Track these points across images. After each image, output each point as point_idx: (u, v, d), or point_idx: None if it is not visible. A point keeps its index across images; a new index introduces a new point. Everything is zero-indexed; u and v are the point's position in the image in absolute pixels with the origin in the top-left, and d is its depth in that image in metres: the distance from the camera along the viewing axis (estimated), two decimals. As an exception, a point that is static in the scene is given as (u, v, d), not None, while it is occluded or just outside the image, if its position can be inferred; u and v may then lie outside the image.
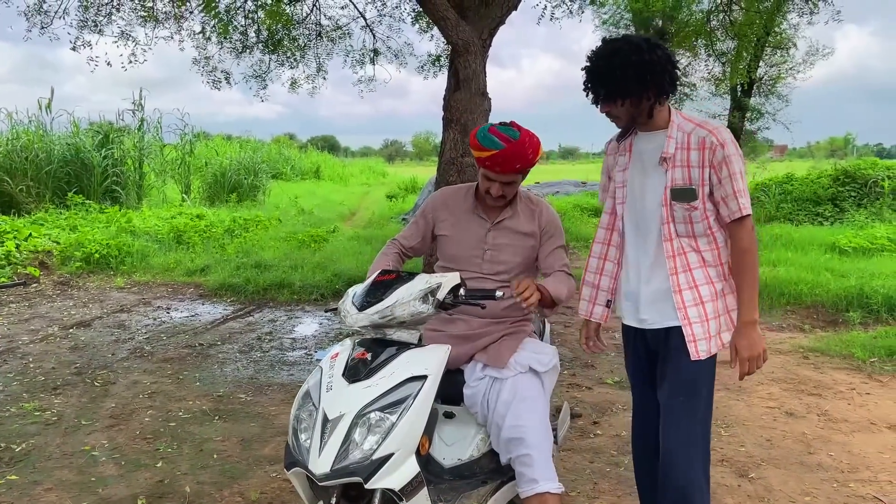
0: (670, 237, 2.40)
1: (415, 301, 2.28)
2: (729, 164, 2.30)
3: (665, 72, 2.31)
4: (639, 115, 2.40)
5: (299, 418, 2.21)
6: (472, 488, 2.54)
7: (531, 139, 2.63)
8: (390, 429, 2.06)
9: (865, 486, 3.57)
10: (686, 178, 2.35)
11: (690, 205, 2.35)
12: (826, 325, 6.87)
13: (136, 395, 4.93)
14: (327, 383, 2.21)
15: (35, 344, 6.25)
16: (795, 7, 11.63)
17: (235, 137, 28.71)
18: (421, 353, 2.28)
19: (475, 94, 6.11)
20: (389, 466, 2.03)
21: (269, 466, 3.81)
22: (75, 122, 16.31)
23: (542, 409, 2.57)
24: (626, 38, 2.37)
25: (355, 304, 2.35)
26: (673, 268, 2.40)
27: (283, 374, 5.49)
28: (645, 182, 2.46)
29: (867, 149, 69.48)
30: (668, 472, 2.45)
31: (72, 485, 3.58)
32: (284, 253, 10.20)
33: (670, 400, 2.45)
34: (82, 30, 8.72)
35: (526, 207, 2.82)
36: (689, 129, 2.37)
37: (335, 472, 2.01)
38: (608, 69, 2.30)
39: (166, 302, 8.06)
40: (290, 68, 10.85)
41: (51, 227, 11.20)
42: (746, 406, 4.71)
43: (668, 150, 2.37)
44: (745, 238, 2.35)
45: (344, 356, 2.30)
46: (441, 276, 2.38)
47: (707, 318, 2.38)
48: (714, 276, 2.41)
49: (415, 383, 2.15)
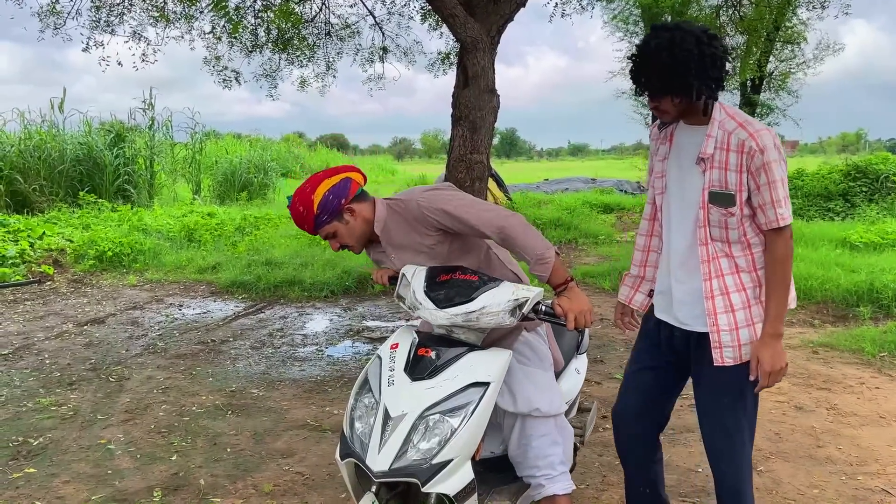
0: (706, 241, 2.29)
1: (503, 313, 2.21)
2: (768, 170, 2.14)
3: (724, 67, 2.17)
4: (690, 112, 2.26)
5: (357, 408, 2.19)
6: (503, 483, 2.54)
7: (299, 198, 2.43)
8: (451, 434, 2.05)
9: (874, 479, 3.58)
10: (723, 181, 2.21)
11: (728, 210, 2.22)
12: (836, 321, 6.86)
13: (151, 391, 5.00)
14: (388, 377, 2.18)
15: (50, 340, 6.34)
16: (805, 2, 11.57)
17: (245, 136, 28.87)
18: (484, 356, 2.24)
19: (484, 90, 6.14)
20: (447, 472, 2.03)
21: (281, 459, 3.87)
22: (87, 122, 16.47)
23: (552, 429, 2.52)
24: (680, 26, 2.17)
25: (430, 298, 2.29)
26: (707, 273, 2.29)
27: (295, 369, 5.54)
28: (682, 178, 2.35)
29: (879, 144, 68.97)
30: (717, 472, 2.45)
31: (88, 477, 3.65)
32: (294, 250, 10.26)
33: (715, 402, 2.40)
34: (94, 30, 8.82)
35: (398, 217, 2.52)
36: (731, 129, 2.19)
37: (393, 471, 2.01)
38: (669, 61, 2.11)
39: (178, 299, 8.14)
40: (299, 67, 10.93)
41: (64, 226, 11.31)
42: (755, 400, 4.73)
43: (706, 149, 2.22)
44: (780, 248, 2.22)
45: (405, 349, 2.27)
46: (528, 289, 2.28)
47: (737, 326, 2.29)
48: (747, 282, 2.30)
49: (477, 389, 2.13)
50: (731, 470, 2.42)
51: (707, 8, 14.02)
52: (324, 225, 2.46)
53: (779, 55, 15.47)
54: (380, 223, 2.51)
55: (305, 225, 2.46)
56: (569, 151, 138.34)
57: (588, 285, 8.64)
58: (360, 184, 2.53)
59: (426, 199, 2.42)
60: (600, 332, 6.45)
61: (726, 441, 2.41)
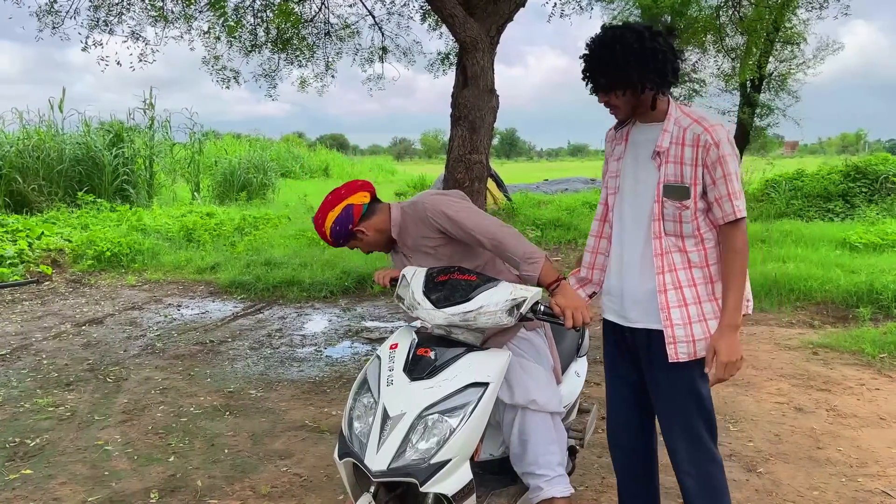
0: (659, 235, 2.31)
1: (501, 312, 2.21)
2: (723, 164, 2.20)
3: (667, 61, 2.21)
4: (640, 106, 2.31)
5: (356, 408, 2.19)
6: (501, 485, 2.54)
7: (318, 228, 2.66)
8: (449, 434, 2.05)
9: (874, 480, 3.57)
10: (678, 174, 2.26)
11: (682, 203, 2.26)
12: (836, 321, 6.85)
13: (148, 391, 4.98)
14: (387, 377, 2.19)
15: (48, 341, 6.32)
16: (804, 2, 11.56)
17: (245, 136, 28.86)
18: (483, 357, 2.24)
19: (483, 90, 6.13)
20: (446, 472, 2.03)
21: (279, 461, 3.85)
22: (86, 122, 16.45)
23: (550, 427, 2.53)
24: (627, 24, 2.28)
25: (429, 298, 2.29)
26: (660, 267, 2.31)
27: (293, 370, 5.53)
28: (637, 175, 2.38)
29: (879, 145, 68.97)
30: (677, 463, 2.45)
31: (85, 479, 3.63)
32: (294, 250, 10.25)
33: (671, 403, 2.42)
34: (93, 30, 8.80)
35: (409, 219, 2.66)
36: (686, 124, 2.26)
37: (392, 471, 2.01)
38: (610, 57, 2.20)
39: (177, 299, 8.13)
40: (298, 67, 10.91)
41: (63, 226, 11.30)
42: (755, 401, 4.72)
43: (661, 143, 2.28)
44: (737, 240, 2.26)
45: (404, 349, 2.27)
46: (525, 289, 2.29)
47: (690, 321, 2.30)
48: (699, 277, 2.32)
49: (476, 390, 2.13)
50: (695, 470, 2.42)
51: (707, 8, 14.01)
52: (343, 245, 2.70)
53: (779, 55, 15.45)
54: (395, 227, 2.68)
55: (333, 246, 2.71)
56: (568, 152, 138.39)
57: (587, 286, 8.62)
58: (364, 202, 2.66)
59: (431, 202, 2.56)
60: (599, 333, 6.42)
61: (686, 442, 2.41)
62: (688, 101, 17.05)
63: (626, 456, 2.68)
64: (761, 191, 16.61)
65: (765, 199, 15.84)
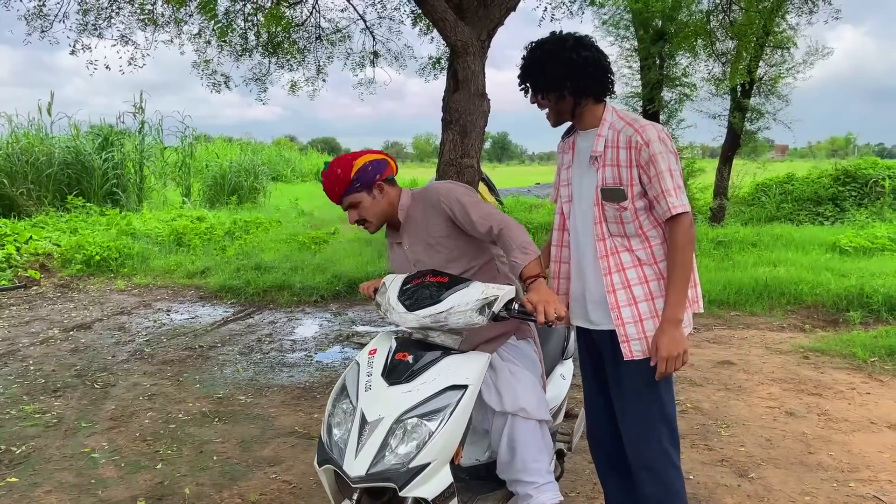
0: (603, 237, 2.37)
1: (471, 311, 2.22)
2: (655, 163, 2.25)
3: (585, 73, 2.30)
4: (564, 112, 2.41)
5: (334, 414, 2.18)
6: (488, 490, 2.53)
7: (339, 162, 2.65)
8: (428, 438, 2.04)
9: (865, 485, 3.56)
10: (616, 177, 2.31)
11: (620, 205, 2.32)
12: (826, 325, 6.86)
13: (136, 398, 4.93)
14: (366, 382, 2.18)
15: (35, 346, 6.26)
16: (794, 6, 11.61)
17: (236, 140, 28.80)
18: (462, 360, 2.24)
19: (474, 95, 6.11)
20: (425, 475, 2.02)
21: (268, 468, 3.81)
22: (76, 126, 16.36)
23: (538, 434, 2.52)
24: (556, 34, 2.38)
25: (402, 302, 2.30)
26: (606, 268, 2.36)
27: (283, 375, 5.49)
28: (582, 181, 2.44)
29: (868, 148, 69.47)
30: (634, 456, 2.46)
31: (71, 487, 3.58)
32: (285, 255, 10.21)
33: (629, 402, 2.44)
34: (82, 33, 8.73)
35: (417, 207, 2.70)
36: (620, 127, 2.33)
37: (370, 476, 2.00)
38: (530, 62, 2.36)
39: (166, 304, 8.07)
40: (289, 71, 10.87)
41: (51, 230, 11.21)
42: (746, 406, 4.71)
43: (596, 148, 2.35)
44: (679, 236, 2.28)
45: (383, 354, 2.26)
46: (498, 287, 2.30)
47: (641, 318, 2.33)
48: (649, 274, 2.36)
49: (455, 392, 2.12)
50: (651, 475, 2.42)
51: (697, 13, 14.04)
52: (354, 192, 2.62)
53: (769, 60, 15.48)
54: (403, 211, 2.70)
55: (336, 188, 2.62)
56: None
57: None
58: (394, 171, 2.73)
59: (445, 189, 2.63)
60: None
61: (644, 442, 2.42)
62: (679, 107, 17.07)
63: (606, 458, 2.70)
64: (752, 194, 16.67)
65: (755, 202, 15.90)
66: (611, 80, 2.39)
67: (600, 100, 2.40)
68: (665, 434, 2.41)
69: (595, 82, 2.33)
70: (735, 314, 7.28)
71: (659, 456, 2.41)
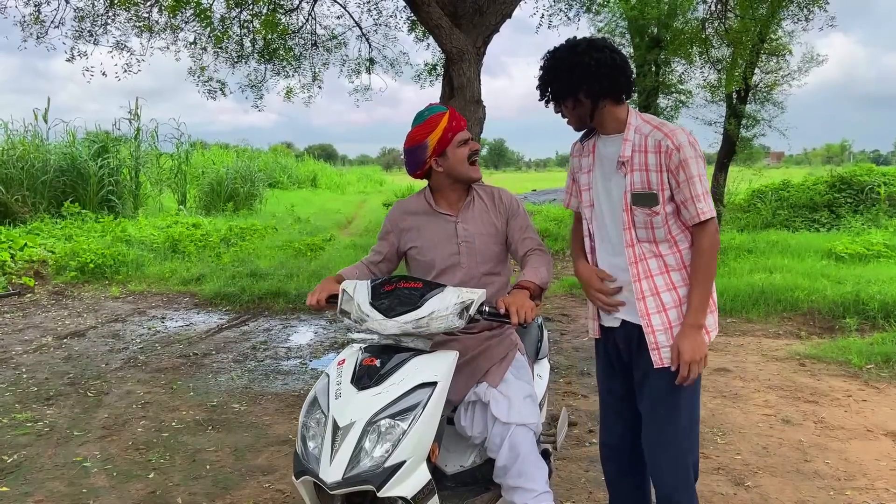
0: (632, 243, 2.34)
1: (452, 315, 2.24)
2: (686, 167, 2.23)
3: (598, 75, 2.26)
4: (584, 117, 2.38)
5: (307, 426, 2.17)
6: (474, 495, 2.54)
7: None
8: (401, 436, 2.04)
9: (862, 493, 3.54)
10: (645, 182, 2.29)
11: (652, 210, 2.29)
12: (822, 332, 6.86)
13: (130, 406, 4.90)
14: (335, 390, 2.18)
15: (28, 354, 6.22)
16: (790, 14, 11.65)
17: (232, 146, 28.74)
18: (430, 359, 2.25)
19: (469, 101, 6.12)
20: (402, 474, 2.02)
21: (262, 477, 3.78)
22: (71, 132, 16.31)
23: (534, 443, 2.56)
24: (571, 39, 2.36)
25: (377, 309, 2.30)
26: (636, 274, 2.34)
27: (278, 383, 5.46)
28: (608, 186, 2.41)
29: (863, 155, 69.71)
30: (655, 480, 2.44)
31: (63, 496, 3.55)
32: (280, 262, 10.18)
33: (652, 410, 2.41)
34: (78, 40, 8.73)
35: (484, 194, 2.77)
36: (647, 132, 2.30)
37: (347, 481, 1.99)
38: (545, 70, 2.34)
39: (161, 311, 8.04)
40: (285, 77, 10.88)
41: (46, 237, 11.18)
42: (743, 413, 4.69)
43: (624, 153, 2.32)
44: (704, 241, 2.28)
45: (351, 362, 2.26)
46: (471, 291, 2.32)
47: (671, 325, 2.32)
48: (677, 281, 2.34)
49: (425, 390, 2.13)
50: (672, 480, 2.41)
51: (693, 20, 14.10)
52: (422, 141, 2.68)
53: (764, 67, 15.55)
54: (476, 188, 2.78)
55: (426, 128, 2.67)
56: (557, 162, 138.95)
57: (575, 296, 8.62)
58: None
59: (507, 193, 2.80)
60: (587, 345, 6.41)
61: (665, 452, 2.41)
62: (674, 113, 17.12)
63: (617, 468, 2.69)
64: (748, 201, 16.69)
65: (751, 209, 15.92)
66: (628, 79, 2.34)
67: (620, 101, 2.35)
68: (687, 458, 2.42)
69: (610, 83, 2.29)
70: (731, 321, 7.27)
71: (677, 485, 2.40)
